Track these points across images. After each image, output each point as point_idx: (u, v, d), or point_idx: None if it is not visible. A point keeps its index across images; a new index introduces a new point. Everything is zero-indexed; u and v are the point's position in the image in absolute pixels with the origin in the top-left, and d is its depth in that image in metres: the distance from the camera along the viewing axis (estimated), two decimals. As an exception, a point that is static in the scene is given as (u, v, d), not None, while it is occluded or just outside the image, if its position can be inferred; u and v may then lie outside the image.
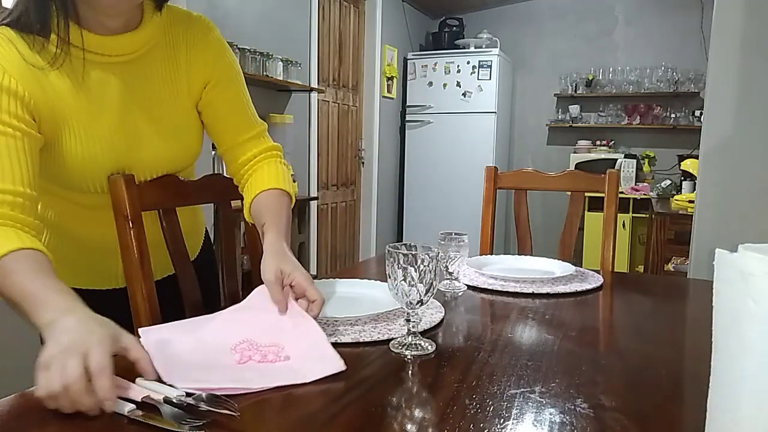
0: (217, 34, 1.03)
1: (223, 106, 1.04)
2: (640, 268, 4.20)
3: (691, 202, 3.12)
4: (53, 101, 0.86)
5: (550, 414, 0.65)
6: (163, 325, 0.86)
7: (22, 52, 0.83)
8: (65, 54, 0.85)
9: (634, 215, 4.27)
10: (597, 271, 1.39)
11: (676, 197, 3.67)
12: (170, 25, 0.97)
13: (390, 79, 4.66)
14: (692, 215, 2.19)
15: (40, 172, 0.86)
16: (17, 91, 0.82)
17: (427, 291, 0.82)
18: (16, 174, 0.80)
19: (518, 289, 1.20)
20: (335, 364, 0.73)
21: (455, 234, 1.18)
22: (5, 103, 0.81)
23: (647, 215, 4.00)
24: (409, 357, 0.81)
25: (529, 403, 0.67)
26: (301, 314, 0.84)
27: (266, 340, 0.77)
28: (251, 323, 0.84)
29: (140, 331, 0.81)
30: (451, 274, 1.21)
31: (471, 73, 4.61)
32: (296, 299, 0.86)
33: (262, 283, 0.87)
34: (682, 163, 4.09)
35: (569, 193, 1.75)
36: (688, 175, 3.87)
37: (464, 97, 4.65)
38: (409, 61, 4.86)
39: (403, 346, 0.83)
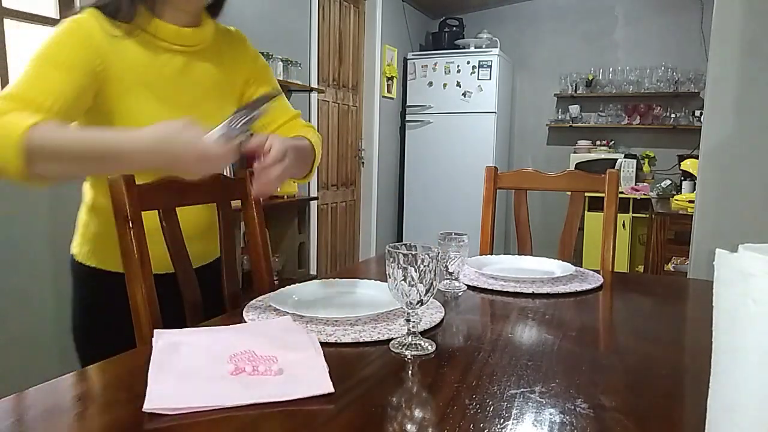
0: (250, 44, 1.25)
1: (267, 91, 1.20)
2: (640, 268, 4.20)
3: (691, 202, 3.13)
4: (126, 68, 1.02)
5: (550, 414, 0.65)
6: (177, 330, 0.87)
7: (104, 26, 1.00)
8: (140, 31, 1.03)
9: (634, 215, 4.27)
10: (597, 271, 1.39)
11: (676, 197, 3.67)
12: (216, 34, 1.17)
13: (390, 79, 4.66)
14: (692, 215, 2.19)
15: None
16: (90, 54, 0.97)
17: (427, 291, 0.82)
18: (39, 101, 0.91)
19: (518, 289, 1.20)
20: (324, 386, 0.69)
21: (455, 234, 1.18)
22: (76, 56, 0.96)
23: (647, 215, 4.00)
24: (409, 357, 0.81)
25: (529, 403, 0.67)
26: (309, 338, 0.84)
27: (265, 351, 0.77)
28: (257, 334, 0.85)
29: (155, 332, 0.83)
30: (451, 274, 1.21)
31: (471, 73, 4.61)
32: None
33: (262, 281, 0.87)
34: (682, 163, 4.09)
35: (569, 193, 1.75)
36: (688, 175, 3.87)
37: (464, 97, 4.65)
38: (409, 61, 4.86)
39: (403, 346, 0.83)
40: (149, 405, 0.63)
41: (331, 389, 0.68)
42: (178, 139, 0.83)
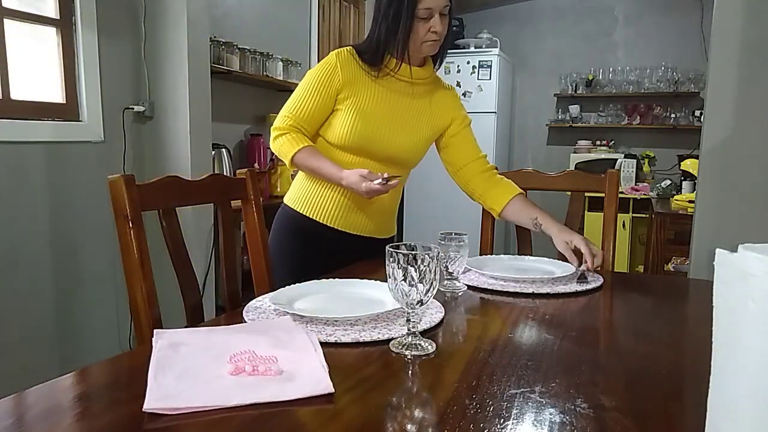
0: (457, 95, 1.62)
1: (463, 137, 1.58)
2: (640, 268, 4.20)
3: (691, 202, 3.13)
4: (356, 88, 1.44)
5: (550, 414, 0.65)
6: (177, 330, 0.87)
7: (358, 62, 1.44)
8: (386, 72, 1.46)
9: (634, 215, 4.27)
10: (597, 271, 1.39)
11: (676, 197, 3.67)
12: (440, 84, 1.57)
13: (390, 79, 4.66)
14: (692, 215, 2.19)
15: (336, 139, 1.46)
16: (336, 79, 1.42)
17: (427, 291, 0.82)
18: (306, 118, 1.44)
19: (518, 289, 1.20)
20: (324, 386, 0.69)
21: (455, 234, 1.18)
22: (326, 78, 1.42)
23: (647, 215, 4.00)
24: (409, 357, 0.81)
25: (529, 403, 0.67)
26: (309, 338, 0.84)
27: (265, 351, 0.77)
28: (257, 334, 0.85)
29: (155, 332, 0.84)
30: (451, 274, 1.21)
31: (471, 73, 4.61)
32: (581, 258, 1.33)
33: (262, 281, 0.87)
34: (682, 163, 4.08)
35: (569, 193, 1.75)
36: (688, 175, 3.86)
37: (464, 97, 4.64)
38: (409, 61, 4.85)
39: (403, 346, 0.83)
40: (149, 405, 0.63)
41: (331, 389, 0.68)
42: (355, 183, 1.34)
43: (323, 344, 0.82)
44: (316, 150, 1.43)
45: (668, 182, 4.19)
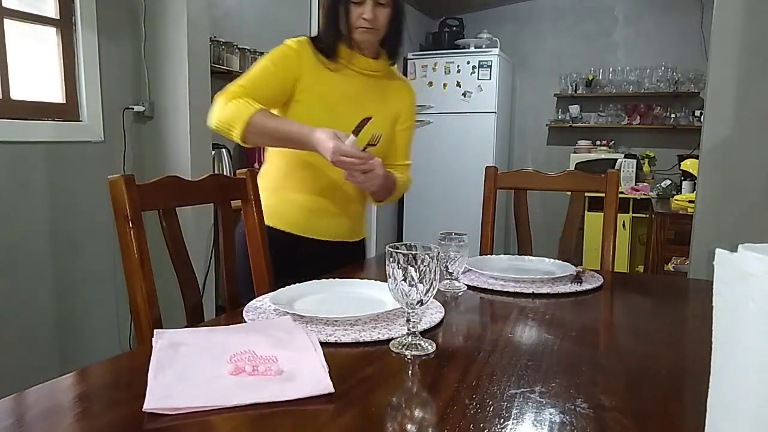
0: (412, 90, 1.59)
1: (401, 137, 1.54)
2: (640, 268, 4.20)
3: (691, 202, 3.12)
4: (313, 78, 1.39)
5: (550, 414, 0.65)
6: (177, 330, 0.87)
7: (314, 52, 1.40)
8: (340, 62, 1.42)
9: (634, 215, 4.27)
10: (597, 271, 1.39)
11: (676, 197, 3.67)
12: (394, 77, 1.55)
13: (390, 79, 4.66)
14: (692, 215, 2.19)
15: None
16: (296, 64, 1.37)
17: (427, 291, 0.82)
18: (259, 92, 1.33)
19: (518, 289, 1.20)
20: (324, 386, 0.69)
21: (455, 234, 1.18)
22: (286, 61, 1.37)
23: (647, 215, 4.00)
24: (409, 357, 0.81)
25: (529, 403, 0.67)
26: (309, 338, 0.84)
27: (265, 351, 0.77)
28: (257, 334, 0.85)
29: (155, 332, 0.84)
30: (451, 274, 1.21)
31: (471, 73, 4.61)
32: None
33: (262, 281, 0.87)
34: (682, 163, 4.08)
35: (569, 193, 1.75)
36: (688, 175, 3.86)
37: (464, 97, 4.65)
38: (409, 61, 4.86)
39: (403, 346, 0.83)
40: (149, 405, 0.63)
41: (331, 389, 0.68)
42: (323, 141, 1.21)
43: (323, 344, 0.82)
44: (277, 115, 1.34)
45: (668, 182, 4.19)
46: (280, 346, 0.80)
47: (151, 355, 0.76)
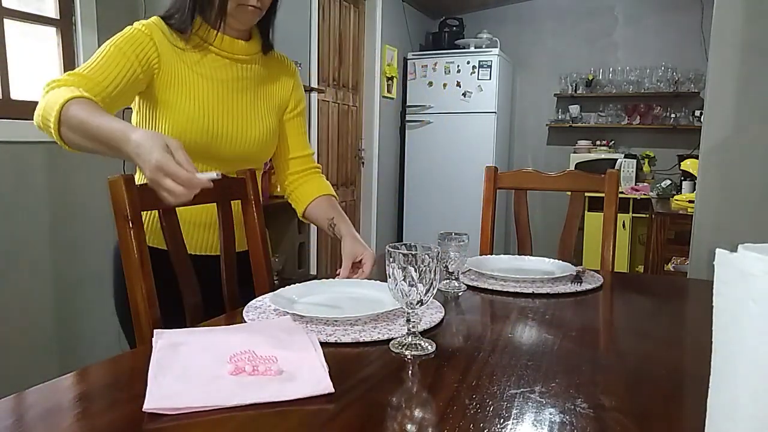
0: (295, 69, 1.41)
1: (293, 126, 1.38)
2: (640, 268, 4.20)
3: (691, 202, 3.12)
4: (177, 69, 1.18)
5: (550, 414, 0.65)
6: (177, 330, 0.87)
7: (166, 34, 1.18)
8: (200, 44, 1.20)
9: (634, 215, 4.27)
10: (597, 271, 1.39)
11: (676, 197, 3.67)
12: (272, 57, 1.35)
13: (390, 79, 4.66)
14: (692, 215, 2.19)
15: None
16: (150, 49, 1.14)
17: (427, 291, 0.82)
18: (100, 80, 1.07)
19: (518, 289, 1.20)
20: (324, 386, 0.69)
21: (455, 234, 1.18)
22: (138, 49, 1.12)
23: (647, 215, 4.00)
24: (409, 357, 0.81)
25: (529, 403, 0.67)
26: (309, 338, 0.84)
27: (265, 351, 0.76)
28: (257, 334, 0.85)
29: (155, 332, 0.84)
30: (451, 274, 1.21)
31: (471, 73, 4.61)
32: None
33: (262, 281, 0.87)
34: (682, 163, 4.08)
35: (569, 193, 1.75)
36: (688, 175, 3.86)
37: (464, 97, 4.65)
38: (409, 61, 4.86)
39: (403, 346, 0.83)
40: (149, 405, 0.63)
41: (331, 389, 0.68)
42: (143, 150, 0.86)
43: (323, 344, 0.82)
44: (101, 108, 1.00)
45: (668, 182, 4.19)
46: (280, 346, 0.80)
47: (151, 355, 0.76)
